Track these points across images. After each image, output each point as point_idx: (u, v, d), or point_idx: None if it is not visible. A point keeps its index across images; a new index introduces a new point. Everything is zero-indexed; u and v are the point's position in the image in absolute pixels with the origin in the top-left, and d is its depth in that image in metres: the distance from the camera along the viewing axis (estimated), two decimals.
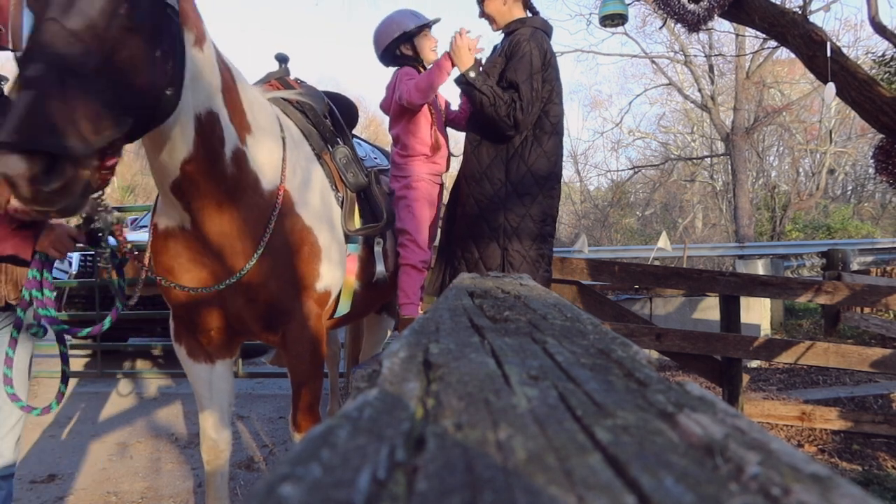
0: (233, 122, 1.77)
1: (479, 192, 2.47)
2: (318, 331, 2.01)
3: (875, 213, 19.61)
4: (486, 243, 2.44)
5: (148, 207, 6.69)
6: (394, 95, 2.57)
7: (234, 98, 1.79)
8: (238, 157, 1.80)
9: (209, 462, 2.14)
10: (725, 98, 17.42)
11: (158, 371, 5.10)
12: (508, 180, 2.45)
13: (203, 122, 1.66)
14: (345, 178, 2.23)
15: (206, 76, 1.64)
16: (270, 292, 1.89)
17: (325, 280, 2.03)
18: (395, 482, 0.26)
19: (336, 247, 2.11)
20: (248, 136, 1.84)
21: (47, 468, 3.14)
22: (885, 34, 4.33)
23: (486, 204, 2.45)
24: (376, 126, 24.86)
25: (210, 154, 1.71)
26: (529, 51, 2.41)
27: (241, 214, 1.83)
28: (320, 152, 2.19)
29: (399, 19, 2.58)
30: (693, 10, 3.90)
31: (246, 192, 1.83)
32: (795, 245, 11.76)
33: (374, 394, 0.38)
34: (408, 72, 2.56)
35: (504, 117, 2.37)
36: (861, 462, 3.31)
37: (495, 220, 2.43)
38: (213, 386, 2.10)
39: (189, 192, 1.75)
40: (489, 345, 0.55)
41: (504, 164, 2.45)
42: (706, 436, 0.31)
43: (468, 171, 2.52)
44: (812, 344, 3.73)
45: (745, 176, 15.65)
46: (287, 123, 2.11)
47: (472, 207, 2.48)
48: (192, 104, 1.61)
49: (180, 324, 2.06)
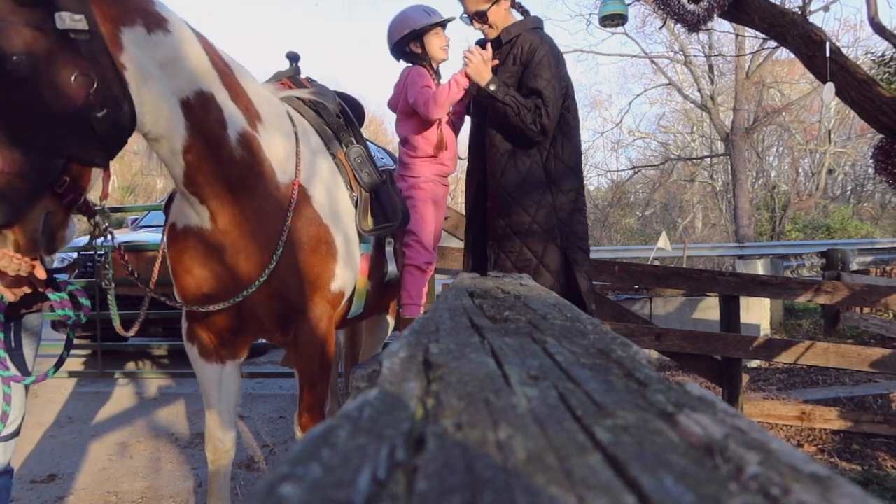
0: (236, 104, 1.73)
1: (526, 200, 2.47)
2: (328, 332, 2.01)
3: (874, 213, 19.61)
4: (543, 246, 2.47)
5: (148, 207, 6.70)
6: (402, 94, 2.54)
7: (232, 81, 1.74)
8: (247, 140, 1.76)
9: (213, 462, 2.13)
10: (725, 98, 17.43)
11: (158, 371, 5.10)
12: (550, 180, 2.48)
13: (193, 105, 1.62)
14: (360, 177, 2.20)
15: (184, 57, 1.59)
16: (289, 291, 1.88)
17: (339, 280, 2.02)
18: (395, 482, 0.26)
19: (351, 247, 2.10)
20: (259, 124, 1.81)
21: (47, 468, 3.14)
22: (884, 34, 4.33)
23: (535, 210, 2.47)
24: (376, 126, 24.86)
25: (210, 138, 1.67)
26: (545, 54, 2.42)
27: (258, 205, 1.80)
28: (335, 151, 2.18)
29: (411, 15, 2.54)
30: (693, 11, 3.90)
31: (262, 180, 1.80)
32: (795, 245, 11.77)
33: (374, 394, 0.38)
34: (419, 73, 2.52)
35: (531, 125, 2.38)
36: (861, 462, 3.31)
37: (548, 223, 2.46)
38: (222, 386, 2.10)
39: (200, 183, 1.72)
40: (489, 345, 0.55)
41: (542, 166, 2.48)
42: (706, 436, 0.32)
43: (507, 181, 2.50)
44: (812, 344, 3.73)
45: (744, 176, 15.66)
46: (301, 121, 2.10)
47: (519, 215, 2.47)
48: (169, 90, 1.56)
49: (193, 323, 2.05)
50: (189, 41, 1.62)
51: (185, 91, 1.60)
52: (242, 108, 1.76)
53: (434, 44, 2.55)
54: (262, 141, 1.81)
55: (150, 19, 1.53)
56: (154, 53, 1.52)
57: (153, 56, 1.52)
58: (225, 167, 1.72)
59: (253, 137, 1.78)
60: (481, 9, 2.54)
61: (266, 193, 1.82)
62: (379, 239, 2.30)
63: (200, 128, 1.64)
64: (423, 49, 2.55)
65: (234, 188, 1.77)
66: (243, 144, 1.75)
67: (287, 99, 2.16)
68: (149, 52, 1.51)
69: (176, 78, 1.57)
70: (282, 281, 1.86)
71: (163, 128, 1.59)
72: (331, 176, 2.10)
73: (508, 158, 2.50)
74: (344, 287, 2.07)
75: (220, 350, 2.06)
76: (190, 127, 1.62)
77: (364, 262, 2.20)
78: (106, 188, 1.56)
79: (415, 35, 2.52)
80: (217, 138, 1.68)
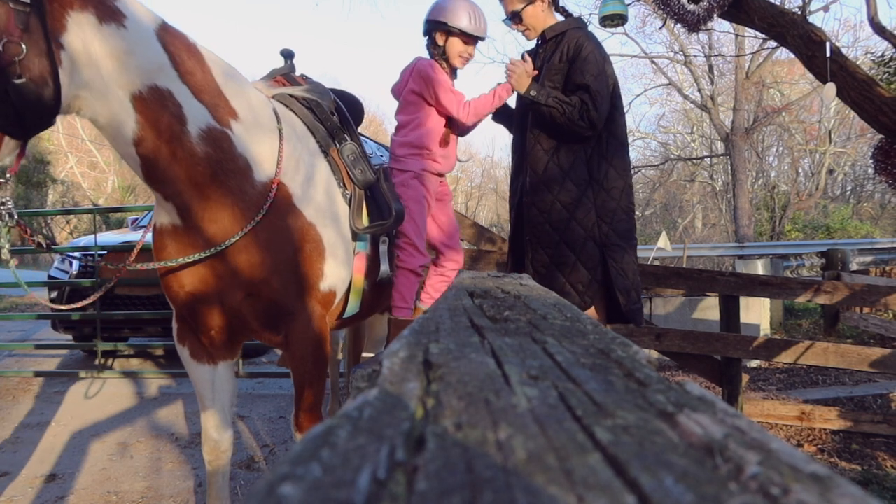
0: (201, 100, 1.73)
1: (565, 196, 2.50)
2: (321, 331, 1.99)
3: (874, 213, 19.62)
4: (581, 242, 2.49)
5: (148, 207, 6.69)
6: (408, 82, 2.48)
7: (198, 78, 1.74)
8: (213, 136, 1.75)
9: (211, 462, 2.13)
10: (725, 98, 17.43)
11: (158, 371, 5.10)
12: (592, 178, 2.50)
13: (146, 99, 1.63)
14: (353, 174, 2.19)
15: (137, 52, 1.61)
16: (271, 290, 1.87)
17: (329, 280, 2.00)
18: (395, 482, 0.26)
19: (342, 245, 2.08)
20: (234, 121, 1.81)
21: (47, 468, 3.14)
22: (884, 34, 4.34)
23: (574, 206, 2.49)
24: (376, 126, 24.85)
25: (165, 132, 1.67)
26: (591, 50, 2.45)
27: (230, 202, 1.79)
28: (328, 149, 2.16)
29: (459, 8, 2.45)
30: (693, 11, 3.90)
31: (233, 176, 1.79)
32: (795, 245, 11.78)
33: (374, 394, 0.38)
34: (433, 66, 2.46)
35: (578, 121, 2.40)
36: (860, 462, 3.31)
37: (587, 220, 2.49)
38: (216, 387, 2.10)
39: (160, 179, 1.73)
40: (489, 345, 0.55)
41: (585, 163, 2.51)
42: (706, 436, 0.32)
43: (548, 176, 2.53)
44: (811, 344, 3.73)
45: (744, 176, 15.66)
46: (291, 119, 2.08)
47: (559, 212, 2.50)
48: (117, 82, 1.58)
49: (183, 325, 2.05)
50: (146, 39, 1.64)
51: (137, 85, 1.61)
52: (210, 104, 1.75)
53: (455, 48, 2.49)
54: (235, 138, 1.80)
55: (105, 11, 1.56)
56: (103, 43, 1.54)
57: (101, 45, 1.53)
58: (186, 163, 1.72)
59: (223, 134, 1.77)
60: (516, 9, 2.57)
61: (241, 191, 1.81)
62: (376, 237, 2.28)
63: (154, 122, 1.65)
64: (445, 45, 2.49)
65: (201, 185, 1.76)
66: (208, 141, 1.74)
67: (279, 96, 2.14)
68: (97, 41, 1.53)
69: (127, 71, 1.59)
70: (262, 281, 1.85)
71: (106, 117, 1.61)
72: (320, 174, 2.08)
73: (551, 156, 2.52)
74: (335, 286, 2.05)
75: (211, 351, 2.06)
76: (141, 120, 1.64)
77: (361, 260, 2.17)
78: (16, 164, 1.57)
79: (445, 27, 2.46)
80: (174, 133, 1.69)
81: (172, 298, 1.97)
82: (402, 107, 2.55)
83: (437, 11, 2.48)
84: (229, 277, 1.85)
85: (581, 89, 2.42)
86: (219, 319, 1.94)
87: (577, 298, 2.48)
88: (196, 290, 1.88)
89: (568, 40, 2.50)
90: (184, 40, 1.75)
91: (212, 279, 1.86)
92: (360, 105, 2.68)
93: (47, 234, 23.86)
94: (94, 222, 5.34)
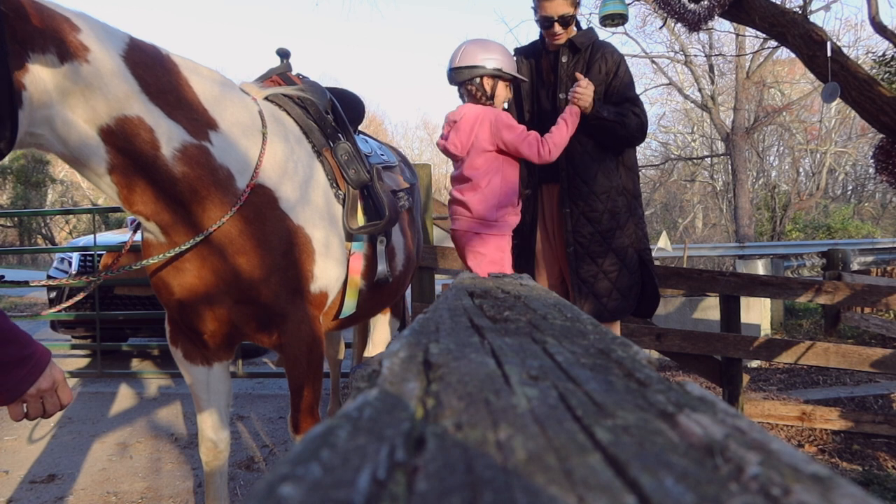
0: (174, 119, 1.69)
1: (612, 205, 2.63)
2: (314, 333, 1.97)
3: (875, 213, 19.61)
4: (624, 251, 2.66)
5: None
6: (477, 133, 2.43)
7: (171, 95, 1.70)
8: (189, 154, 1.71)
9: (208, 463, 2.13)
10: (725, 98, 17.43)
11: (158, 371, 5.10)
12: (624, 187, 2.70)
13: (114, 131, 1.59)
14: (346, 174, 2.15)
15: (100, 86, 1.55)
16: (260, 295, 1.85)
17: (320, 281, 1.98)
18: (395, 482, 0.26)
19: (335, 246, 2.05)
20: (213, 131, 1.77)
21: (47, 468, 3.14)
22: (885, 34, 4.33)
23: (619, 215, 2.64)
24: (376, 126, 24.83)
25: (138, 160, 1.64)
26: (626, 66, 2.64)
27: (213, 215, 1.77)
28: (321, 148, 2.12)
29: (508, 56, 2.47)
30: (693, 10, 3.90)
31: (218, 189, 1.77)
32: (795, 245, 11.78)
33: (374, 394, 0.38)
34: (507, 115, 2.46)
35: (635, 130, 2.57)
36: (861, 462, 3.31)
37: (626, 225, 2.67)
38: (211, 388, 2.09)
39: (138, 201, 1.70)
40: (489, 345, 0.55)
41: (617, 172, 2.67)
42: (706, 436, 0.31)
43: (597, 187, 2.62)
44: (812, 344, 3.73)
45: (745, 176, 15.66)
46: (282, 119, 2.05)
47: (608, 222, 2.62)
48: (82, 118, 1.54)
49: (175, 327, 2.05)
50: (111, 69, 1.58)
51: (104, 118, 1.57)
52: (185, 119, 1.71)
53: (504, 93, 2.50)
54: (214, 150, 1.76)
55: (66, 48, 1.49)
56: (65, 81, 1.49)
57: (64, 84, 1.49)
58: (166, 185, 1.69)
59: (200, 149, 1.73)
60: (569, 13, 2.61)
61: (223, 202, 1.78)
62: (374, 237, 2.25)
63: (126, 151, 1.62)
64: (493, 91, 2.47)
65: (184, 203, 1.74)
66: (184, 160, 1.70)
67: (273, 96, 2.11)
68: (59, 80, 1.48)
69: (92, 107, 1.55)
70: (250, 286, 1.83)
71: (74, 152, 1.57)
72: (311, 174, 2.05)
73: (599, 165, 2.63)
74: (327, 287, 2.03)
75: (204, 352, 2.05)
76: (111, 150, 1.60)
77: (357, 260, 2.15)
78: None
79: (497, 74, 2.45)
80: (148, 159, 1.65)
81: (164, 304, 1.97)
82: (472, 161, 2.48)
83: (483, 55, 2.45)
84: (216, 284, 1.83)
85: (628, 101, 2.57)
86: (211, 325, 1.92)
87: (623, 303, 2.65)
88: (184, 297, 1.87)
89: (605, 53, 2.62)
90: (155, 56, 1.70)
91: (199, 287, 1.84)
92: (361, 104, 2.67)
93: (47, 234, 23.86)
94: (93, 222, 5.34)
